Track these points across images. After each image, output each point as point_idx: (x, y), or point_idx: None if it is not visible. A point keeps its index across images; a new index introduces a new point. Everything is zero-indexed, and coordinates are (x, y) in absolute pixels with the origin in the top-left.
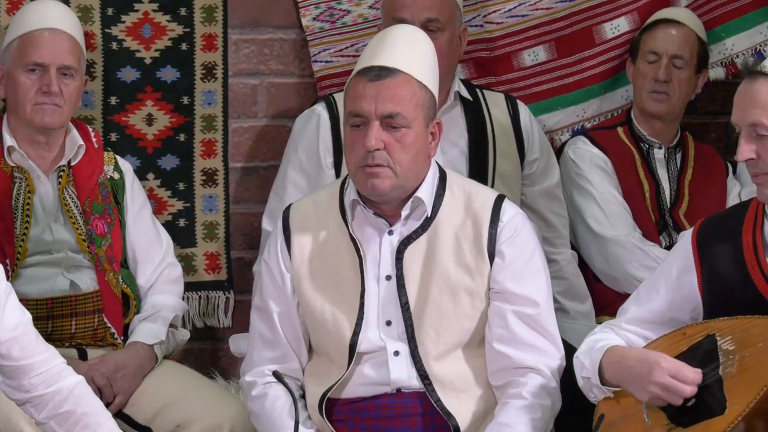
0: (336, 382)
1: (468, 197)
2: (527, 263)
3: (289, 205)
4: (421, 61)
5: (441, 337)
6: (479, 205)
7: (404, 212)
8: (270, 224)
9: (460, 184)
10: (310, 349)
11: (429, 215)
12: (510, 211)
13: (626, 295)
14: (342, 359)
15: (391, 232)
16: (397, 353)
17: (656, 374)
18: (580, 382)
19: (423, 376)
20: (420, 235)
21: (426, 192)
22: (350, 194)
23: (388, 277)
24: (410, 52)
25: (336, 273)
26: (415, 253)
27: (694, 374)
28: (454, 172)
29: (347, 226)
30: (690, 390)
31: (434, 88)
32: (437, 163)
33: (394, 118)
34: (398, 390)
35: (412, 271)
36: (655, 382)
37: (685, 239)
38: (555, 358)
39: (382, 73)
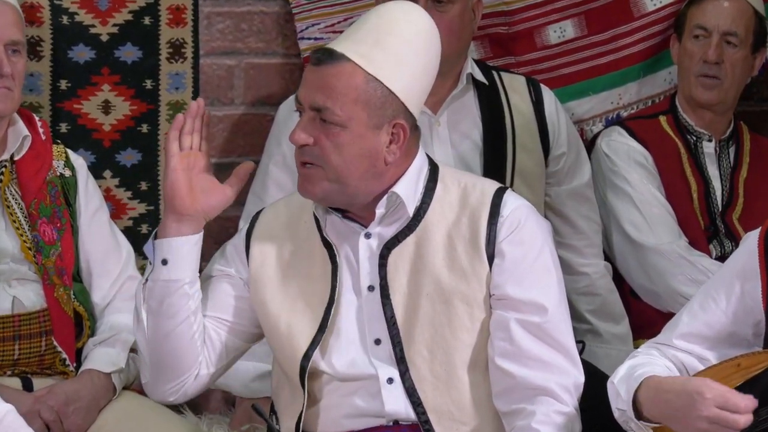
0: (302, 411)
1: (464, 191)
2: (533, 264)
3: (261, 210)
4: (390, 49)
5: (436, 356)
6: (476, 198)
7: (378, 211)
8: None
9: (454, 176)
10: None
11: (411, 214)
12: (512, 203)
13: (669, 315)
14: (297, 378)
15: (368, 235)
16: (390, 380)
17: (700, 407)
18: (616, 414)
19: (416, 404)
20: (406, 236)
21: (406, 188)
22: None
23: (371, 288)
24: (383, 36)
25: (303, 281)
26: (400, 258)
27: (746, 401)
28: (452, 168)
29: (320, 230)
30: (744, 420)
31: (411, 85)
32: (427, 155)
33: (322, 112)
34: (395, 422)
35: (398, 279)
36: (701, 417)
37: (750, 240)
38: (569, 374)
39: (324, 57)
